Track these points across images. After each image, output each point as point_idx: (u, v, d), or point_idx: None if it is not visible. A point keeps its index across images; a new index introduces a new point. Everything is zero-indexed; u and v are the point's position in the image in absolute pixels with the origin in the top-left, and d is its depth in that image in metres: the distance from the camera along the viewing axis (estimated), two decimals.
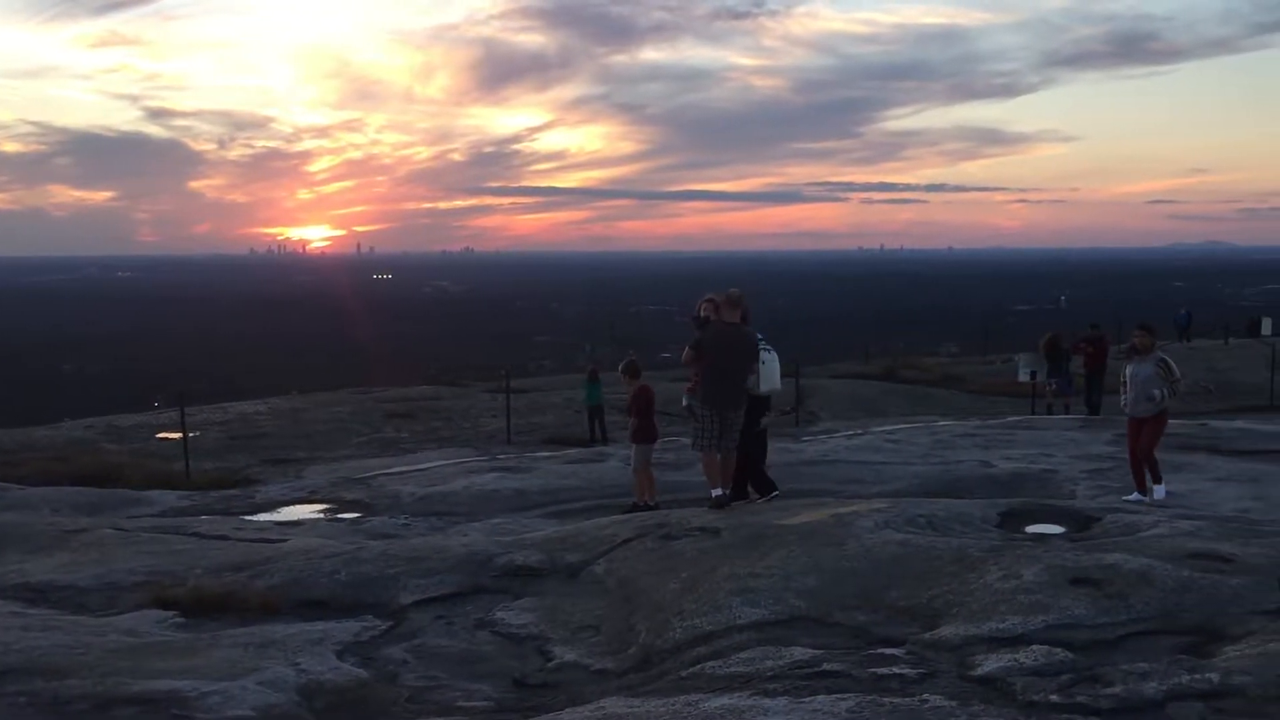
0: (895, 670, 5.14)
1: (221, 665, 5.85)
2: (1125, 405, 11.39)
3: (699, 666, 5.61)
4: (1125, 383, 11.35)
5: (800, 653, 5.55)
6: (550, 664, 6.30)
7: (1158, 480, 11.19)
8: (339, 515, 12.43)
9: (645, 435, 11.46)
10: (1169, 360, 11.20)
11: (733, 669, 5.45)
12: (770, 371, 9.69)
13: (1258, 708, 4.45)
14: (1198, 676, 4.76)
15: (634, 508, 10.87)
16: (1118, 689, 4.70)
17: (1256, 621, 5.65)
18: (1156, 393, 10.94)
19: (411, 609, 7.28)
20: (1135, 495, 11.14)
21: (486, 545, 8.60)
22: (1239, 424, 18.06)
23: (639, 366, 11.93)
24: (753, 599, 6.50)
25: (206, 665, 5.85)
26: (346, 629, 6.82)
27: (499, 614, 7.12)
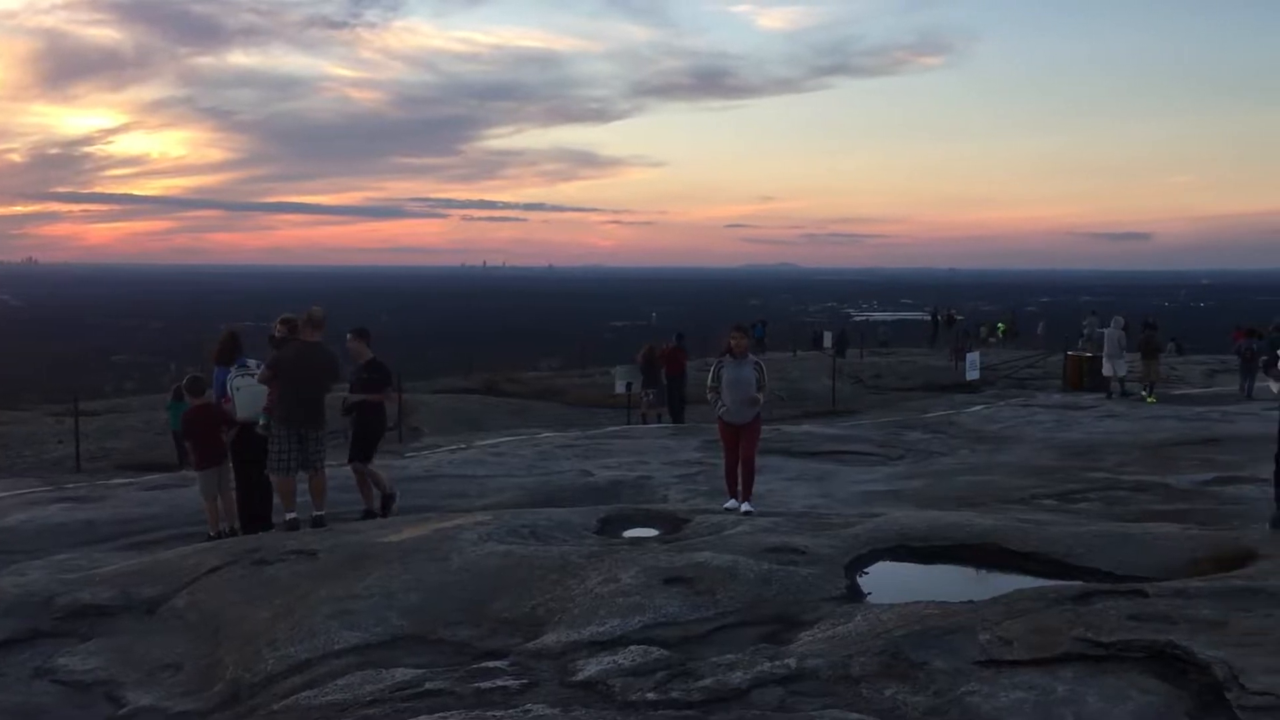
0: (498, 683, 5.09)
1: None
2: (723, 410, 10.30)
3: (293, 698, 5.28)
4: (719, 386, 10.28)
5: (403, 674, 5.37)
6: (122, 710, 5.69)
7: (748, 495, 10.27)
8: None
9: (207, 459, 10.64)
10: (762, 364, 10.54)
11: (330, 697, 5.17)
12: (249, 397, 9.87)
13: (829, 688, 4.80)
14: (777, 663, 5.07)
15: (215, 537, 10.14)
16: (708, 681, 4.91)
17: (826, 607, 6.14)
18: (759, 395, 10.20)
19: None
20: (732, 502, 10.30)
21: (48, 584, 7.67)
22: (806, 428, 19.81)
23: (204, 384, 11.02)
24: (352, 621, 6.23)
25: None
26: None
27: (61, 660, 6.36)
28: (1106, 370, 24.80)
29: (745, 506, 9.79)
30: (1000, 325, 51.06)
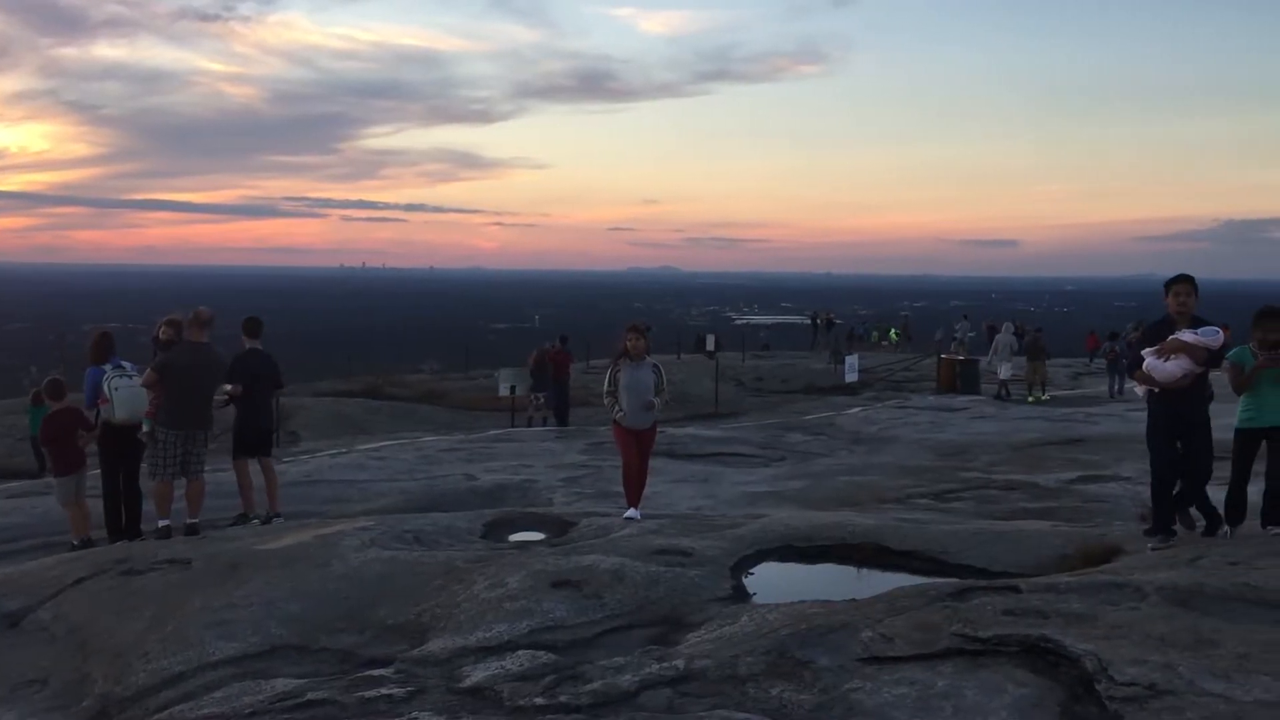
0: (383, 691, 4.99)
1: None
2: (620, 414, 9.71)
3: (166, 712, 5.10)
4: (617, 390, 9.69)
5: (283, 684, 5.24)
6: None
7: (638, 501, 9.83)
8: None
9: (66, 465, 10.18)
10: (661, 367, 10.03)
11: (206, 710, 5.01)
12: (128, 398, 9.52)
13: (716, 688, 4.83)
14: (666, 665, 5.09)
15: (80, 546, 9.73)
16: (596, 685, 4.90)
17: (714, 608, 6.19)
18: (655, 400, 9.71)
19: None
20: (632, 511, 9.65)
21: None
22: (690, 430, 19.97)
23: (64, 387, 10.58)
24: (229, 631, 6.05)
25: None
26: None
27: None
28: (1001, 372, 25.86)
29: (636, 513, 9.59)
30: (893, 331, 52.31)
